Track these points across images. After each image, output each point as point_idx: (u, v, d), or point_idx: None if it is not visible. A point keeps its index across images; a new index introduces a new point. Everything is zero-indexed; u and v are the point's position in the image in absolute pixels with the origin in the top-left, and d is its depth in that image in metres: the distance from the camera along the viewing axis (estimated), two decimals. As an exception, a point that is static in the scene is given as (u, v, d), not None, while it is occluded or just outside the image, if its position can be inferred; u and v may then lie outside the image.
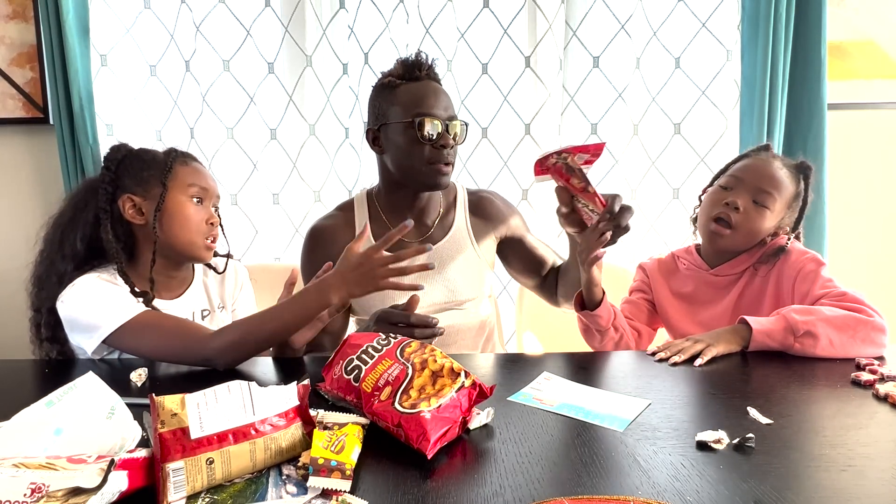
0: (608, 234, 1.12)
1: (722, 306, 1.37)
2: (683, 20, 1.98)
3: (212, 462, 0.71)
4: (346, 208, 1.50)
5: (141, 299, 1.21)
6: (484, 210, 1.51)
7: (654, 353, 1.17)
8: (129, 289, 1.21)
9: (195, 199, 1.27)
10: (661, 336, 1.47)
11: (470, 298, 1.46)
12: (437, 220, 1.47)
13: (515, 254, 1.53)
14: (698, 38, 1.98)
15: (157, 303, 1.25)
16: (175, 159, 1.27)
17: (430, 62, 1.36)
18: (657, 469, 0.76)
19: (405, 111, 1.32)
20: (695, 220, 1.45)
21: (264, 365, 1.20)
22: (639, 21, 1.99)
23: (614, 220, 1.12)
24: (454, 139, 1.34)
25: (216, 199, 1.33)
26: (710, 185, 1.42)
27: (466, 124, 1.37)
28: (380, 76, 1.41)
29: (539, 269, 1.53)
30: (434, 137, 1.31)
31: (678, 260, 1.46)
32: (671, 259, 1.48)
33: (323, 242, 1.44)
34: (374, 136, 1.39)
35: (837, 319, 1.14)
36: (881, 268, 2.18)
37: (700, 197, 1.44)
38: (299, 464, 0.76)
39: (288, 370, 1.17)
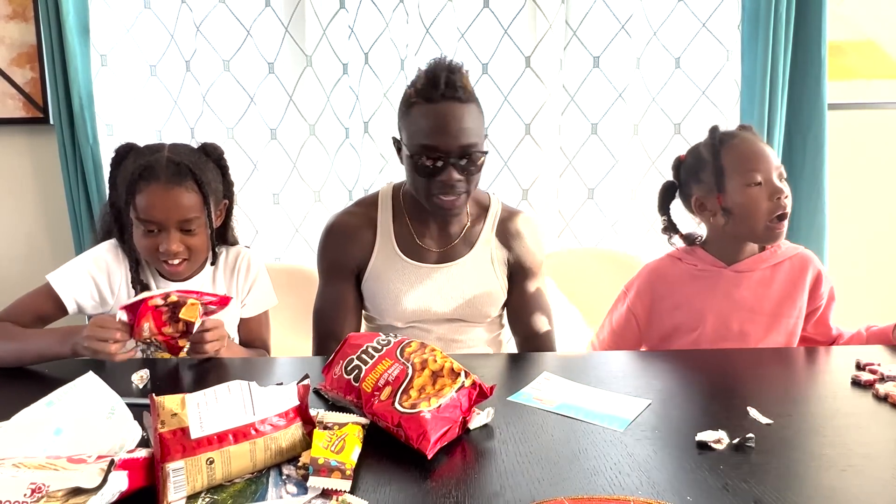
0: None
1: (732, 303, 1.32)
2: (683, 20, 1.98)
3: (212, 462, 0.71)
4: (369, 204, 1.40)
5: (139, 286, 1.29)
6: (507, 232, 1.40)
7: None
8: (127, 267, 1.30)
9: (147, 231, 1.24)
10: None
11: (483, 318, 1.41)
12: (462, 232, 1.38)
13: (509, 290, 1.42)
14: (698, 38, 1.98)
15: (163, 286, 1.32)
16: (135, 186, 1.21)
17: (448, 80, 1.22)
18: (657, 469, 0.76)
19: (411, 139, 1.24)
20: (669, 230, 1.40)
21: (265, 365, 1.20)
22: (639, 21, 1.99)
23: None
24: (463, 171, 1.23)
25: (180, 222, 1.23)
26: (720, 190, 1.28)
27: (485, 153, 1.26)
28: (412, 77, 1.29)
29: (514, 321, 1.44)
30: (433, 172, 1.22)
31: (681, 263, 1.37)
32: (670, 262, 1.39)
33: (339, 240, 1.37)
34: (398, 148, 1.33)
35: None
36: (881, 267, 2.17)
37: (695, 205, 1.34)
38: (299, 464, 0.76)
39: (288, 370, 1.17)
